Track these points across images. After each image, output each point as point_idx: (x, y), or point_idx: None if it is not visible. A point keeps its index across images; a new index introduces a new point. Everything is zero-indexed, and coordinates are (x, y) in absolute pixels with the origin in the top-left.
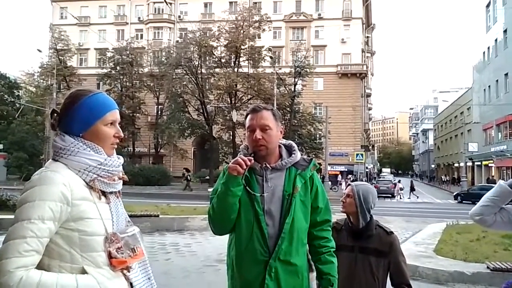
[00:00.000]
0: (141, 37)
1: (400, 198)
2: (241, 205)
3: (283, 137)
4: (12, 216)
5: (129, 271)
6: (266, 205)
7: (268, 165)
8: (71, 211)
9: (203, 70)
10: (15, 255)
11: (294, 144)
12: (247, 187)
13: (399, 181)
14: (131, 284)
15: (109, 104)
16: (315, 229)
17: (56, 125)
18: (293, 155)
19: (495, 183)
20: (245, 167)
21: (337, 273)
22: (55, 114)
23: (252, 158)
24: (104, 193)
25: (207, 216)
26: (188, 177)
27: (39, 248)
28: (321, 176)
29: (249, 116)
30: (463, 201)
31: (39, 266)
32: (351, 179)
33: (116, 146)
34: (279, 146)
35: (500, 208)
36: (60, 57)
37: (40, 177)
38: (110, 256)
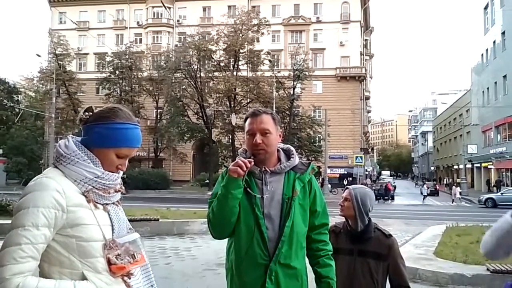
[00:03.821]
0: (140, 42)
1: (453, 202)
2: (241, 209)
3: (282, 141)
4: None
5: (130, 278)
6: (266, 209)
7: (267, 169)
8: (67, 217)
9: (202, 74)
10: (10, 262)
11: (292, 148)
12: (247, 189)
13: (456, 185)
14: None
15: (134, 141)
16: (313, 233)
17: (84, 122)
18: (291, 159)
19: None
20: (245, 169)
21: (336, 276)
22: (91, 113)
23: (252, 160)
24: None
25: (206, 220)
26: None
27: (34, 254)
28: (321, 179)
29: (248, 120)
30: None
31: (40, 273)
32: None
33: (113, 171)
34: (278, 150)
35: None
36: (59, 62)
37: (35, 184)
38: (109, 262)
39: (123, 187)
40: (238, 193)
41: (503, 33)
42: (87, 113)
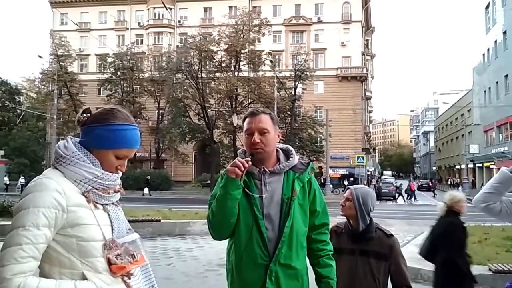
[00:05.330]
0: (141, 42)
1: None
2: (240, 209)
3: (283, 141)
4: None
5: (129, 278)
6: (265, 209)
7: (266, 169)
8: (67, 217)
9: (204, 75)
10: (11, 262)
11: (291, 148)
12: (246, 189)
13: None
14: None
15: (133, 141)
16: (313, 233)
17: (82, 124)
18: (290, 159)
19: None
20: (243, 169)
21: (337, 276)
22: (88, 114)
23: (250, 160)
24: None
25: (206, 221)
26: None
27: (35, 254)
28: (322, 180)
29: (247, 120)
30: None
31: (40, 273)
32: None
33: (113, 172)
34: (277, 150)
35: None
36: (60, 63)
37: (35, 184)
38: (109, 262)
39: (123, 188)
40: (237, 194)
41: (505, 32)
42: (85, 115)
